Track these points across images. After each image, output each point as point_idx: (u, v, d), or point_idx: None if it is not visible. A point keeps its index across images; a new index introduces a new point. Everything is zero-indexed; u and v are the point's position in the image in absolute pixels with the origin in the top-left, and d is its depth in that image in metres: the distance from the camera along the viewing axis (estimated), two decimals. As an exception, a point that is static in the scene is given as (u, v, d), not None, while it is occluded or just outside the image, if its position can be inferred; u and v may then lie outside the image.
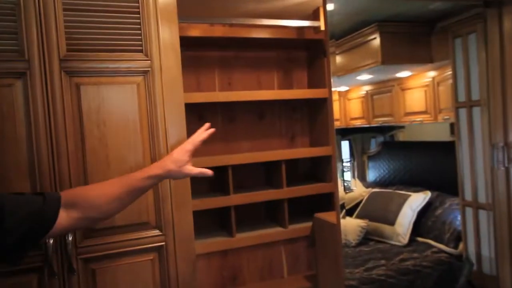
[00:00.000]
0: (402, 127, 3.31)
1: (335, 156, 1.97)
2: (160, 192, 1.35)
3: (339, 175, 1.85)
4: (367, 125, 3.45)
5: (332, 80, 1.62)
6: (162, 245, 1.36)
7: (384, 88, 3.09)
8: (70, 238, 1.24)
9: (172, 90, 1.36)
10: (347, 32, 2.54)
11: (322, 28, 2.04)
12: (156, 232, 1.36)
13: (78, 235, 1.27)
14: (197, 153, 1.11)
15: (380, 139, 3.56)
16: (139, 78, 1.32)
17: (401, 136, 3.45)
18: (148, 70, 1.33)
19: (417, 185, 2.92)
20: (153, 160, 1.32)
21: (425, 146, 3.09)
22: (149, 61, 1.33)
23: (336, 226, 1.78)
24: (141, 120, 1.32)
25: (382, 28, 2.26)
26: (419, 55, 2.45)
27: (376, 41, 2.33)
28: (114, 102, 1.29)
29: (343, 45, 2.71)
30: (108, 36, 1.29)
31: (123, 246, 1.32)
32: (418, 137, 3.28)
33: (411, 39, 2.44)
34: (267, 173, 2.41)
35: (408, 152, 3.23)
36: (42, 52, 1.22)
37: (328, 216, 2.03)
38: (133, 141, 1.31)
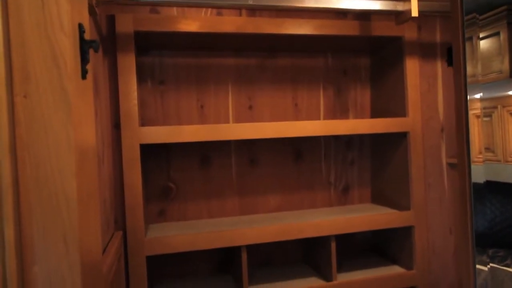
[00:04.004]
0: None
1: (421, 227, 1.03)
2: None
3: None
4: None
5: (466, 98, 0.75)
6: None
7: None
8: None
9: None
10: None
11: (414, 13, 1.12)
12: None
13: None
14: (191, 216, 0.55)
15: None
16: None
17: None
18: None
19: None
20: None
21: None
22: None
23: None
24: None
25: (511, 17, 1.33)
26: None
27: (500, 37, 1.38)
28: None
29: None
30: None
31: None
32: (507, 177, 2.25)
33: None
34: (305, 246, 1.56)
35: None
36: None
37: None
38: None
